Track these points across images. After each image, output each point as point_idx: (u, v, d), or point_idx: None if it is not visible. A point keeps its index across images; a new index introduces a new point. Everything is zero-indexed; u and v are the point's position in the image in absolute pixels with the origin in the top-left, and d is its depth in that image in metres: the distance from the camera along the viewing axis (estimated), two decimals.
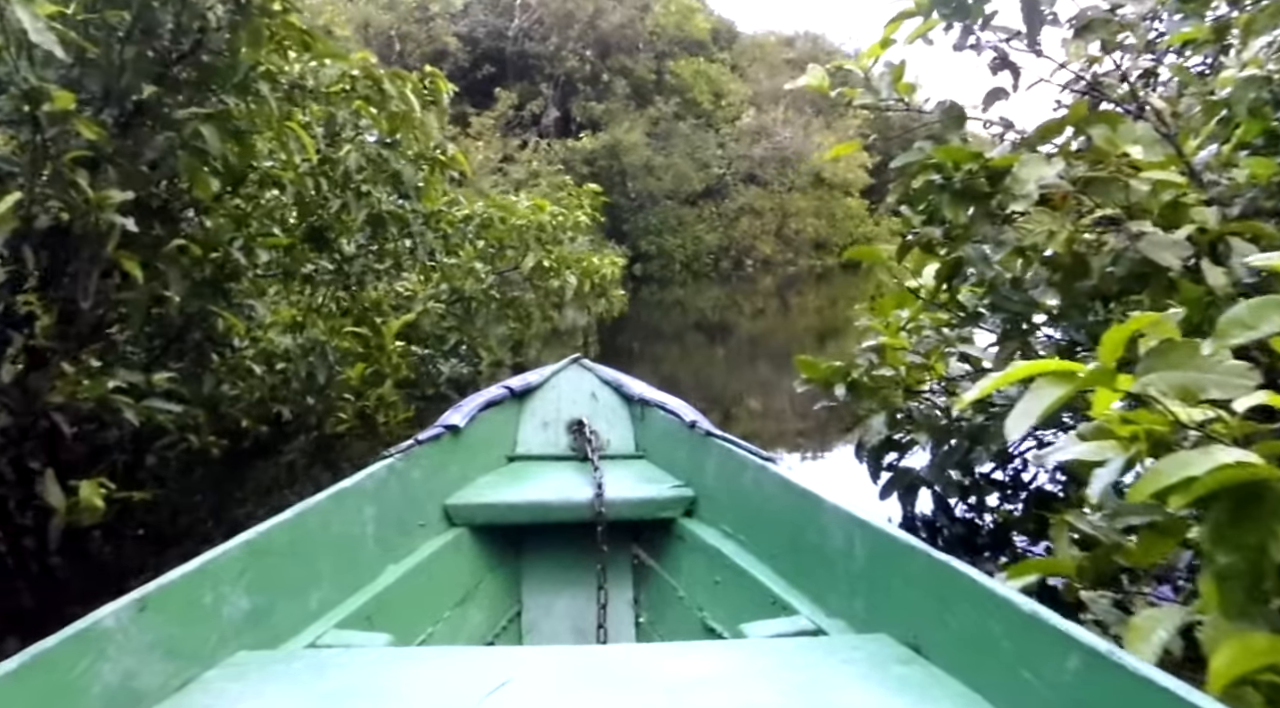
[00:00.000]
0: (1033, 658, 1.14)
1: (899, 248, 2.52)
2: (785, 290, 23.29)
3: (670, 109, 28.31)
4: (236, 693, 1.29)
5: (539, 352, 8.06)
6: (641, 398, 2.77)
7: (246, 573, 1.51)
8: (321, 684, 1.31)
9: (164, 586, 1.35)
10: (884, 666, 1.34)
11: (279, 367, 4.06)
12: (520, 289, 6.55)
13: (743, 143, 29.13)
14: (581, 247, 8.46)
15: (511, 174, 22.85)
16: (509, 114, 26.71)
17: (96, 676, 1.20)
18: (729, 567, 2.00)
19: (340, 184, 4.67)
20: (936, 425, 2.68)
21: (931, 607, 1.36)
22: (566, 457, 2.71)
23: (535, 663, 1.43)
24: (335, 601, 1.73)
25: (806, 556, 1.76)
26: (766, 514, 1.97)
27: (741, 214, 28.00)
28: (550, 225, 6.61)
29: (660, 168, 26.36)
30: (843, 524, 1.64)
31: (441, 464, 2.30)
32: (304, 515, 1.71)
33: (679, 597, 2.19)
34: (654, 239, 25.58)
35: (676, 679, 1.31)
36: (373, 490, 1.96)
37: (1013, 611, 1.19)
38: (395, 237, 5.21)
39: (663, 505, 2.33)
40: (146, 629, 1.29)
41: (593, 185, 7.31)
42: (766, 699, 1.25)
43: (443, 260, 6.15)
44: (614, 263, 6.98)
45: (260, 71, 3.11)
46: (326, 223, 4.81)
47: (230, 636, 1.46)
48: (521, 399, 2.80)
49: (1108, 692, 1.03)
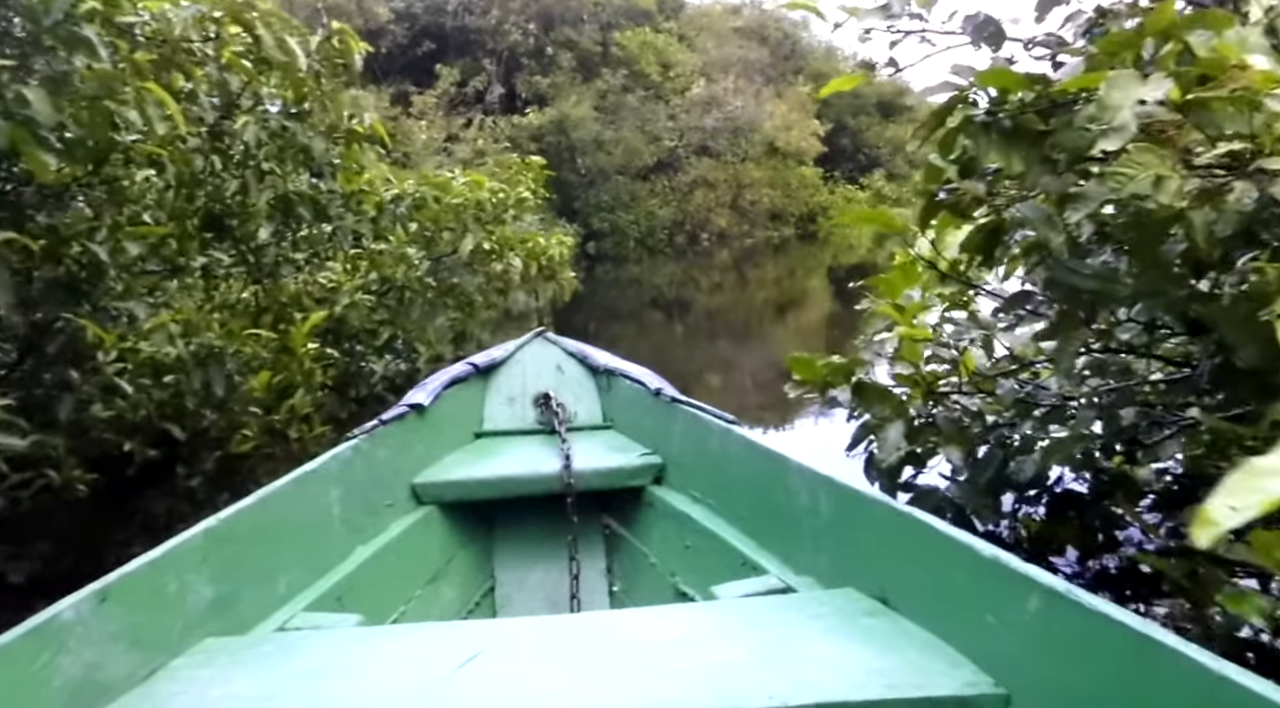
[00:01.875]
0: (995, 601, 1.16)
1: (922, 210, 1.95)
2: (743, 263, 23.02)
3: (618, 82, 27.56)
4: (205, 680, 1.27)
5: (485, 341, 7.49)
6: (607, 368, 2.74)
7: (209, 560, 1.49)
8: (291, 666, 1.30)
9: (125, 575, 1.33)
10: (852, 618, 1.35)
11: (168, 379, 3.43)
12: (460, 275, 5.93)
13: (694, 114, 28.49)
14: (530, 226, 7.87)
15: (457, 154, 22.10)
16: (451, 92, 25.88)
17: (57, 668, 1.17)
18: (699, 531, 2.01)
19: (238, 162, 4.04)
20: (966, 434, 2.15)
21: (897, 559, 1.38)
22: (534, 431, 2.69)
23: (508, 634, 1.43)
24: (303, 584, 1.71)
25: (774, 515, 1.77)
26: (734, 477, 1.98)
27: (695, 187, 27.41)
28: (491, 203, 5.98)
29: (610, 142, 25.66)
30: (808, 482, 1.65)
31: (407, 443, 2.29)
32: (267, 500, 1.68)
33: (651, 564, 2.19)
34: (606, 216, 24.93)
35: (649, 642, 1.32)
36: (338, 472, 1.94)
37: (974, 557, 1.21)
38: (310, 221, 4.58)
39: (631, 474, 2.32)
40: (108, 620, 1.27)
41: (537, 158, 6.69)
42: (737, 657, 1.26)
43: (370, 246, 5.52)
44: (562, 242, 6.37)
45: (84, 9, 2.46)
46: (229, 208, 4.17)
47: (196, 623, 1.43)
48: (487, 375, 2.79)
49: (1067, 628, 1.05)
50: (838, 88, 2.03)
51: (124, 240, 3.06)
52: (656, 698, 1.16)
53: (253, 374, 3.55)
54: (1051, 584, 1.09)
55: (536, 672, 1.25)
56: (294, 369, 3.63)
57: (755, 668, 1.23)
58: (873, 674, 1.18)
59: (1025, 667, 1.12)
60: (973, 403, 2.24)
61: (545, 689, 1.20)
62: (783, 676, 1.19)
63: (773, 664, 1.24)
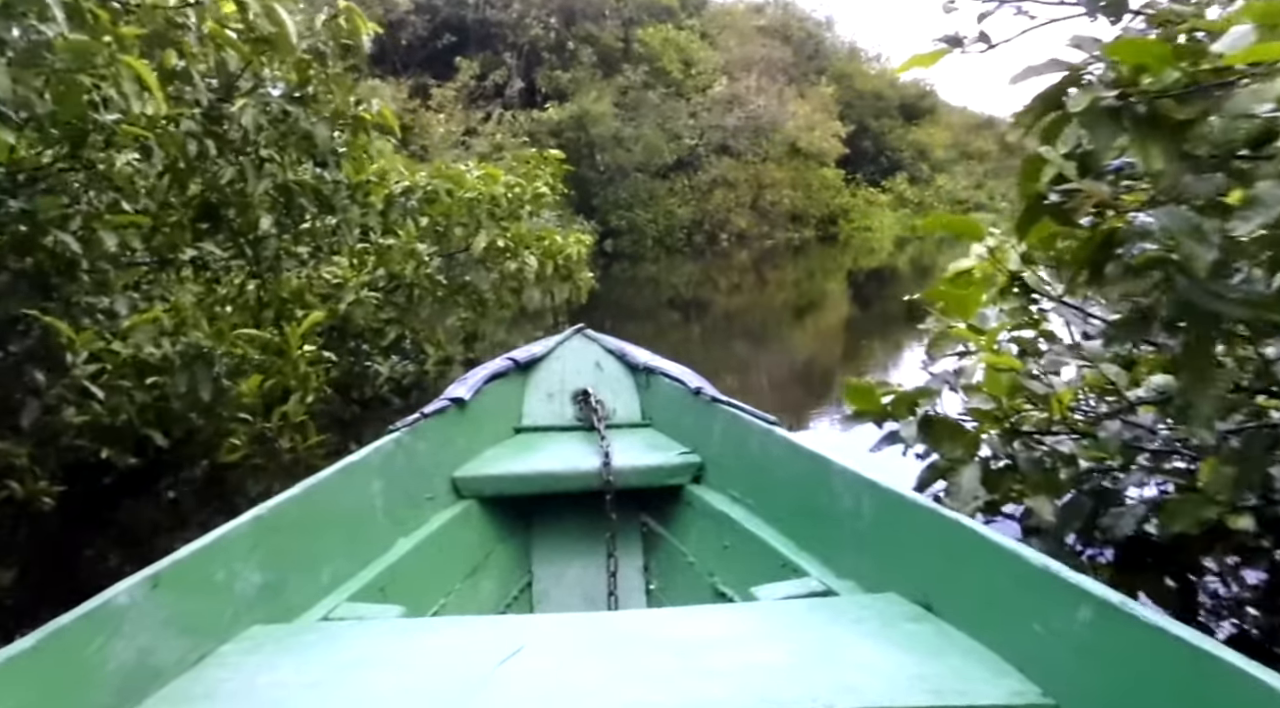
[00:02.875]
0: (1044, 611, 1.14)
1: (1024, 214, 1.61)
2: (761, 265, 22.75)
3: (639, 78, 27.23)
4: (253, 666, 1.28)
5: (498, 341, 7.21)
6: (646, 366, 2.75)
7: (258, 548, 1.50)
8: (336, 656, 1.31)
9: (176, 562, 1.34)
10: (895, 623, 1.33)
11: (151, 381, 3.16)
12: (473, 273, 5.64)
13: (715, 112, 28.14)
14: (547, 223, 7.59)
15: (475, 148, 21.82)
16: (471, 85, 25.61)
17: (111, 653, 1.18)
18: (738, 531, 2.00)
19: (236, 147, 3.76)
20: (1056, 482, 1.83)
21: (941, 564, 1.36)
22: (573, 427, 2.68)
23: (548, 630, 1.44)
24: (347, 574, 1.72)
25: (815, 518, 1.75)
26: (774, 478, 1.96)
27: (715, 186, 27.06)
28: (506, 198, 5.69)
29: (629, 139, 25.34)
30: (850, 485, 1.64)
31: (448, 437, 2.30)
32: (312, 491, 1.69)
33: (689, 563, 2.18)
34: (624, 214, 24.62)
35: (688, 642, 1.31)
36: (380, 464, 1.95)
37: (1023, 565, 1.19)
38: (313, 213, 4.30)
39: (670, 473, 2.32)
40: (160, 606, 1.27)
41: (556, 152, 6.40)
42: (778, 659, 1.24)
43: (378, 241, 5.24)
44: (580, 241, 6.06)
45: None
46: (225, 197, 3.90)
47: (243, 610, 1.44)
48: (526, 371, 2.79)
49: (1120, 640, 1.03)
50: (917, 64, 1.73)
51: (101, 230, 2.77)
52: (699, 699, 1.15)
53: (243, 377, 3.27)
54: (1104, 595, 1.07)
55: (577, 669, 1.25)
56: (288, 373, 3.35)
57: (797, 671, 1.22)
58: (916, 680, 1.16)
59: (1075, 678, 1.09)
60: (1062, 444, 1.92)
61: (587, 686, 1.19)
62: (826, 679, 1.17)
63: (815, 668, 1.22)
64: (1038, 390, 1.87)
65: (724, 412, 2.28)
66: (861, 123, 34.56)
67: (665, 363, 2.75)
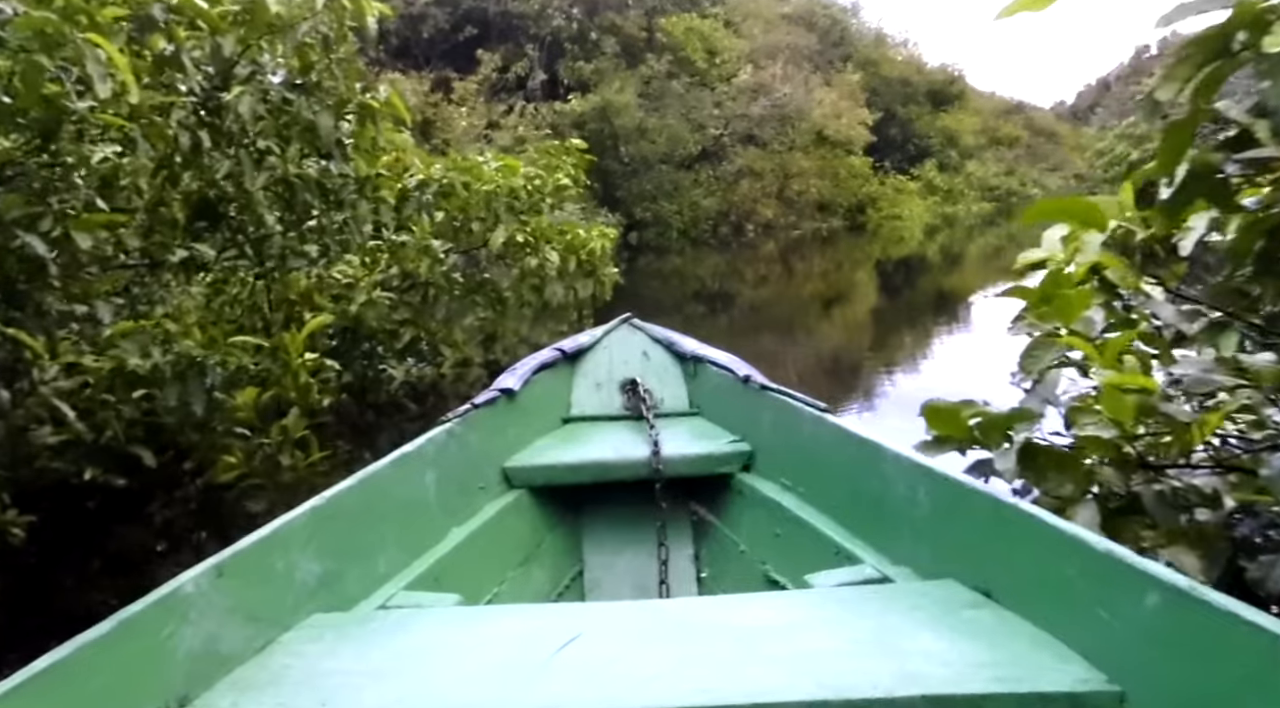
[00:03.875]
0: (1109, 597, 1.12)
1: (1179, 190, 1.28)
2: (789, 255, 22.48)
3: (662, 68, 26.86)
4: (315, 654, 1.30)
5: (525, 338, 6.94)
6: (694, 355, 2.74)
7: (315, 538, 1.52)
8: (396, 644, 1.33)
9: (238, 552, 1.36)
10: (954, 610, 1.32)
11: (140, 394, 2.90)
12: (492, 269, 5.35)
13: (740, 102, 27.74)
14: (570, 216, 7.30)
15: (497, 141, 21.59)
16: (493, 78, 25.39)
17: (181, 639, 1.21)
18: (790, 519, 1.99)
19: (232, 139, 3.48)
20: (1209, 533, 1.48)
21: (1000, 550, 1.35)
22: (621, 417, 2.68)
23: (603, 618, 1.44)
24: (403, 563, 1.73)
25: (869, 505, 1.74)
26: (826, 465, 1.95)
27: (740, 177, 26.67)
28: (526, 191, 5.39)
29: (654, 130, 24.99)
30: (905, 472, 1.62)
31: (498, 427, 2.31)
32: (367, 481, 1.71)
33: (740, 551, 2.17)
34: (649, 205, 24.30)
35: (744, 629, 1.30)
36: (433, 455, 1.96)
37: (1087, 551, 1.17)
38: (319, 208, 4.03)
39: (720, 461, 2.31)
40: (225, 594, 1.29)
41: (578, 141, 6.09)
42: (837, 646, 1.23)
43: (391, 238, 4.96)
44: (604, 235, 5.74)
45: None
46: (223, 193, 3.63)
47: (304, 599, 1.46)
48: (574, 361, 2.80)
49: (1191, 626, 1.01)
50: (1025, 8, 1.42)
51: (75, 231, 2.50)
52: (759, 686, 1.13)
53: (240, 389, 3.00)
54: (1173, 580, 1.05)
55: (635, 656, 1.24)
56: (287, 384, 3.07)
57: (856, 658, 1.20)
58: (978, 668, 1.14)
59: (1143, 665, 1.07)
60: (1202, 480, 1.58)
61: (646, 673, 1.19)
62: (886, 666, 1.16)
63: (874, 655, 1.21)
64: (1176, 415, 1.53)
65: (773, 399, 2.26)
66: (889, 110, 34.05)
67: (713, 351, 2.72)
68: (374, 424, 4.97)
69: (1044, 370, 1.71)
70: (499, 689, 1.18)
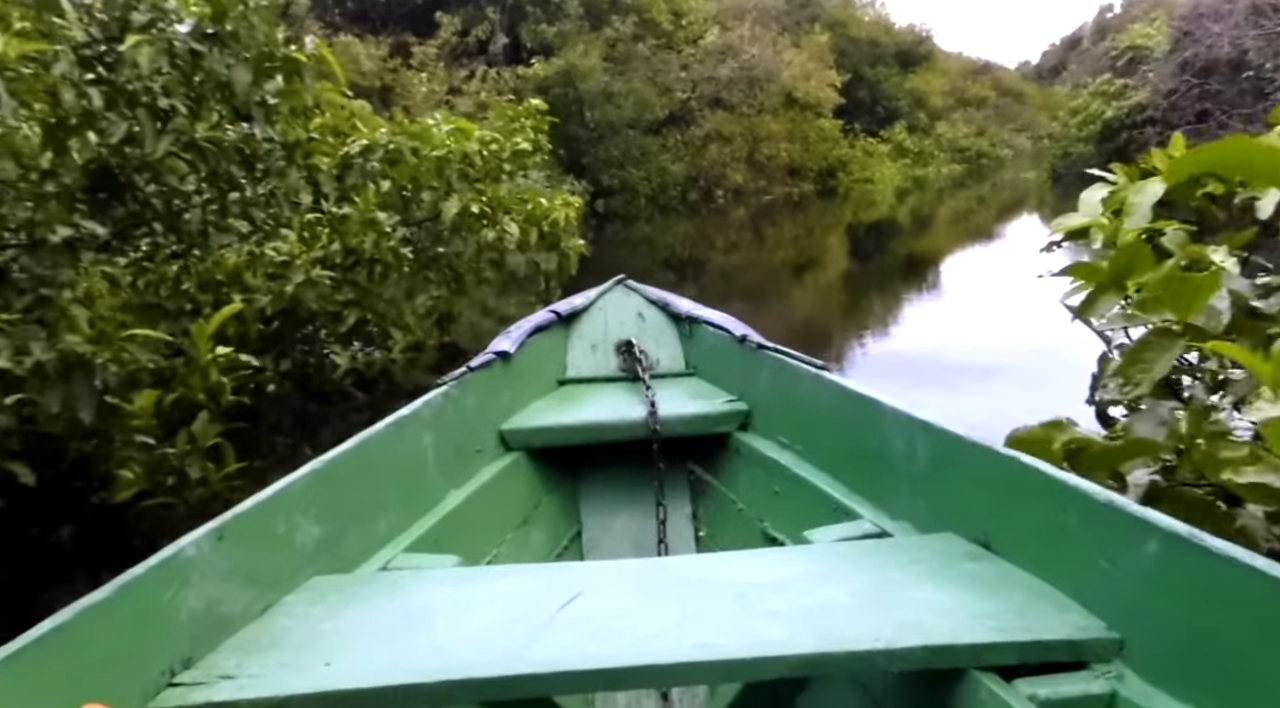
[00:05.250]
0: (1109, 546, 1.12)
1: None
2: (759, 221, 22.17)
3: (628, 30, 26.14)
4: (318, 615, 1.30)
5: (487, 312, 6.51)
6: (689, 315, 2.75)
7: (316, 501, 1.52)
8: (399, 604, 1.34)
9: (239, 515, 1.36)
10: (953, 562, 1.32)
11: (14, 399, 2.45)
12: (445, 243, 4.90)
13: (707, 64, 27.10)
14: (535, 184, 6.84)
15: (459, 106, 20.94)
16: (453, 42, 24.63)
17: (183, 602, 1.21)
18: (788, 477, 2.00)
19: (133, 99, 3.01)
20: None
21: (999, 502, 1.35)
22: (617, 378, 2.70)
23: (603, 576, 1.45)
24: (402, 526, 1.74)
25: (867, 460, 1.74)
26: (824, 422, 1.96)
27: (709, 141, 26.11)
28: (481, 156, 4.93)
29: (620, 94, 24.35)
30: (903, 426, 1.62)
31: (494, 390, 2.31)
32: (366, 445, 1.70)
33: (738, 510, 2.19)
34: (616, 172, 23.74)
35: (745, 585, 1.30)
36: (430, 418, 1.96)
37: (1086, 500, 1.17)
38: (244, 178, 3.56)
39: (717, 420, 2.32)
40: (226, 557, 1.30)
41: (537, 101, 5.62)
42: (836, 599, 1.24)
43: (331, 210, 4.49)
44: (569, 203, 5.30)
45: None
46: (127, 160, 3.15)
47: (305, 562, 1.46)
48: (569, 323, 2.80)
49: (1190, 572, 1.01)
50: None
51: None
52: (761, 640, 1.13)
53: (138, 391, 2.55)
54: (1173, 527, 1.05)
55: (636, 613, 1.24)
56: (195, 383, 2.62)
57: (858, 611, 1.20)
58: (979, 618, 1.15)
59: (1142, 612, 1.08)
60: None
61: (649, 629, 1.18)
62: (887, 618, 1.16)
63: (876, 607, 1.20)
64: None
65: (770, 358, 2.25)
66: (857, 72, 33.53)
67: (709, 311, 2.73)
68: (317, 415, 4.54)
69: (1158, 383, 1.31)
70: (502, 647, 1.18)
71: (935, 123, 37.15)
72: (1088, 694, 1.07)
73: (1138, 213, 1.93)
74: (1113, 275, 1.51)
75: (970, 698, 1.09)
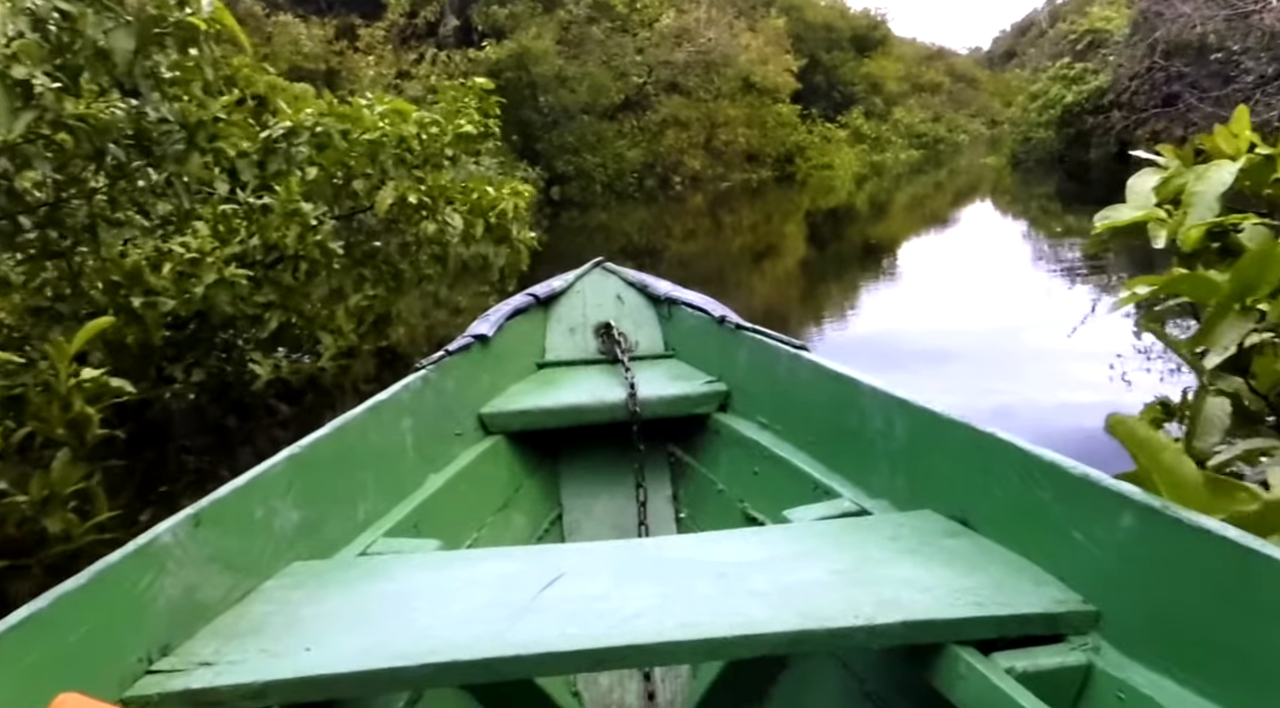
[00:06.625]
0: (1085, 520, 1.14)
1: None
2: (717, 208, 21.87)
3: (582, 12, 25.59)
4: (297, 601, 1.29)
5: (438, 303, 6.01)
6: (668, 296, 2.76)
7: (294, 487, 1.51)
8: (378, 588, 1.33)
9: (216, 501, 1.36)
10: (932, 539, 1.35)
11: None
12: (381, 237, 4.42)
13: (663, 48, 26.64)
14: (487, 171, 6.35)
15: (408, 91, 20.32)
16: (401, 24, 24.00)
17: (160, 589, 1.20)
18: (767, 457, 2.02)
19: None
20: None
21: (977, 479, 1.37)
22: (596, 360, 2.71)
23: (584, 557, 1.45)
24: (382, 511, 1.74)
25: (846, 439, 1.76)
26: (802, 402, 1.98)
27: (666, 127, 25.68)
28: (420, 140, 4.45)
29: (574, 78, 23.83)
30: (881, 405, 1.65)
31: (473, 374, 2.31)
32: (344, 429, 1.70)
33: (718, 490, 2.21)
34: (571, 158, 23.22)
35: (726, 565, 1.31)
36: (409, 402, 1.96)
37: (1062, 475, 1.19)
38: (129, 164, 3.06)
39: (696, 402, 2.33)
40: (203, 544, 1.29)
41: (482, 80, 5.14)
42: (816, 577, 1.25)
43: (249, 200, 3.99)
44: (517, 192, 4.81)
45: None
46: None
47: (284, 548, 1.46)
48: (547, 306, 2.81)
49: (1163, 544, 1.03)
50: None
51: None
52: (742, 619, 1.14)
53: None
54: (1147, 501, 1.05)
55: (618, 593, 1.24)
56: (52, 416, 2.13)
57: (838, 588, 1.21)
58: (958, 593, 1.16)
59: (1117, 583, 1.09)
60: None
61: (631, 610, 1.18)
62: (867, 595, 1.17)
63: (855, 584, 1.22)
64: None
65: (749, 338, 2.27)
66: (813, 56, 33.29)
67: (687, 293, 2.74)
68: (237, 430, 4.05)
69: None
70: (483, 629, 1.16)
71: (892, 108, 37.08)
72: (1064, 666, 1.08)
73: (1201, 204, 1.64)
74: (1236, 291, 1.13)
75: (949, 672, 1.09)
